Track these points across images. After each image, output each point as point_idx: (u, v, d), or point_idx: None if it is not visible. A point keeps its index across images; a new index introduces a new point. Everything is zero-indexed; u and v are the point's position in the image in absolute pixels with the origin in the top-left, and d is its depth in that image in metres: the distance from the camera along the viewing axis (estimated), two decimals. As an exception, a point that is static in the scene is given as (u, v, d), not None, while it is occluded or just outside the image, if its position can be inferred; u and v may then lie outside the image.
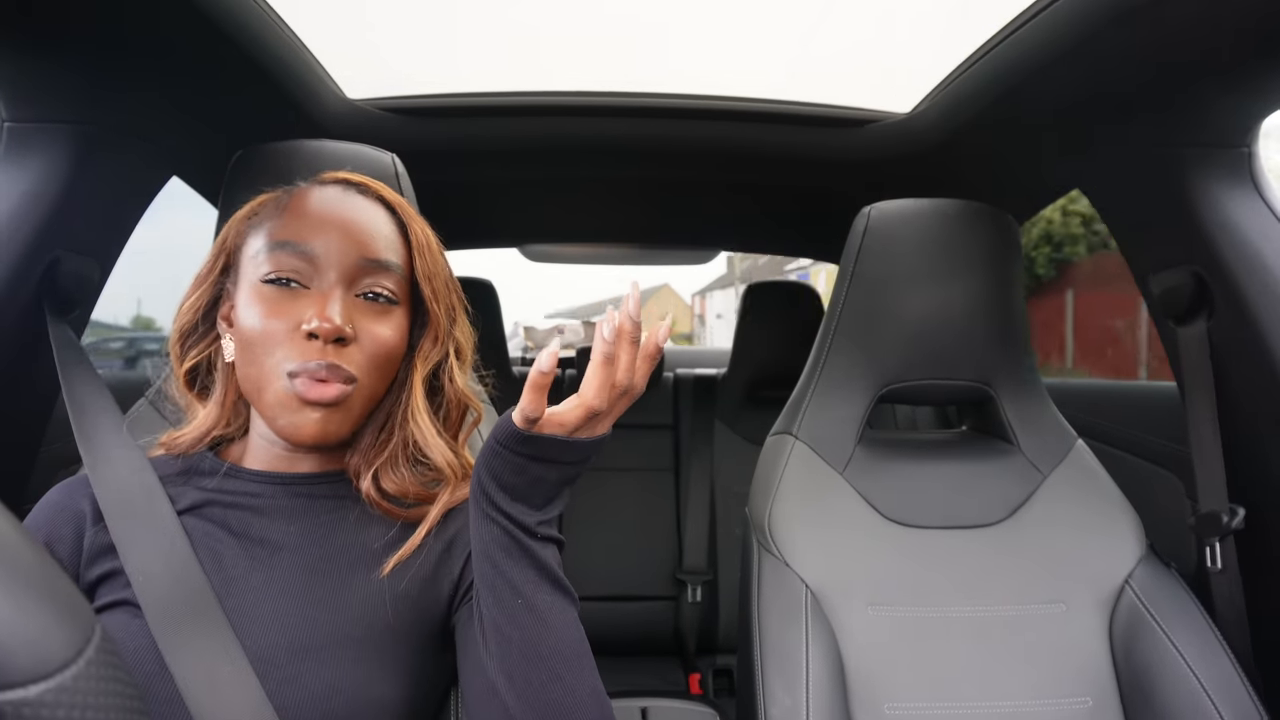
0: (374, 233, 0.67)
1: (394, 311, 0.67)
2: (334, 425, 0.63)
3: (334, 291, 0.63)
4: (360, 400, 0.65)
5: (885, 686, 0.89)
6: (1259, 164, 1.00)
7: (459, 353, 0.72)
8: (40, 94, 0.88)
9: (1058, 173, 1.24)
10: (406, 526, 0.67)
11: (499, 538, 0.56)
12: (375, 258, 0.66)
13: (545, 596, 0.57)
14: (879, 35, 1.19)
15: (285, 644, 0.59)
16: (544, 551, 0.58)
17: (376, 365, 0.65)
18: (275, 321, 0.62)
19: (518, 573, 0.56)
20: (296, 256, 0.64)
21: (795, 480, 1.01)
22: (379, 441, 0.69)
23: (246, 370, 0.64)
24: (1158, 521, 1.04)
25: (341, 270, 0.64)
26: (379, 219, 0.68)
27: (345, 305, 0.63)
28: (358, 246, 0.65)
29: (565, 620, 0.58)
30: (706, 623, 1.98)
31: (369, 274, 0.66)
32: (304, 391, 0.61)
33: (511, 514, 0.56)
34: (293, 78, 1.06)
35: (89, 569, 0.63)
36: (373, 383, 0.66)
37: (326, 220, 0.65)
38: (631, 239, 2.23)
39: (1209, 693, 0.83)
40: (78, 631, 0.30)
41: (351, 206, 0.67)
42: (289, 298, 0.63)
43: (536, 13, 1.15)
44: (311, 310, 0.62)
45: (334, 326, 0.61)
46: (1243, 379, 1.00)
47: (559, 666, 0.56)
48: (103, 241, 1.00)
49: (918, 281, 1.00)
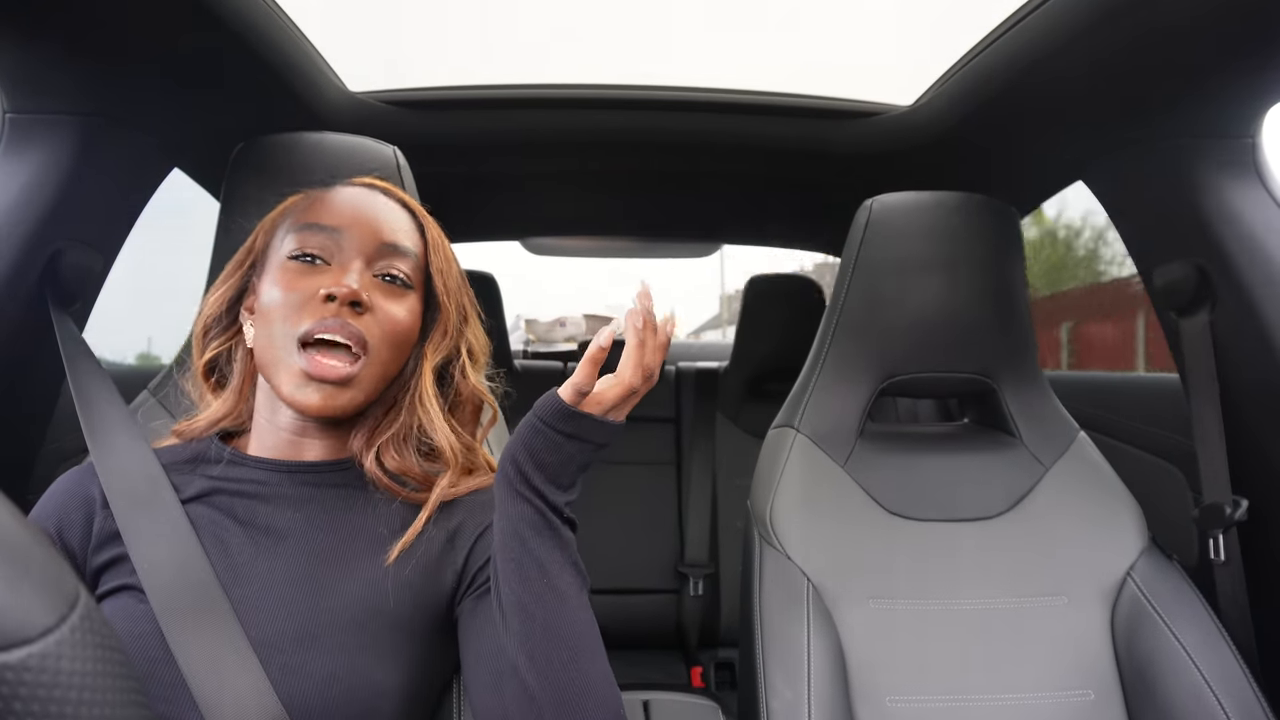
0: (393, 222, 0.71)
1: (408, 295, 0.71)
2: (342, 400, 0.65)
3: (353, 264, 0.67)
4: (370, 376, 0.67)
5: (887, 679, 0.89)
6: (1263, 155, 0.99)
7: (471, 352, 0.75)
8: (42, 86, 0.88)
9: (1060, 165, 1.23)
10: (410, 516, 0.68)
11: (529, 515, 0.59)
12: (393, 242, 0.70)
13: (568, 577, 0.59)
14: (881, 28, 1.19)
15: (290, 631, 0.60)
16: (567, 533, 0.60)
17: (389, 341, 0.68)
18: (295, 292, 0.65)
19: (545, 552, 0.59)
20: (321, 235, 0.68)
21: (797, 473, 1.01)
22: (384, 422, 0.71)
23: (262, 343, 0.67)
24: (1160, 514, 1.04)
25: (361, 250, 0.68)
26: (398, 213, 0.73)
27: (363, 280, 0.67)
28: (377, 231, 0.69)
29: (582, 602, 0.60)
30: (708, 616, 1.99)
31: (386, 256, 0.69)
32: (310, 368, 0.63)
33: (544, 492, 0.59)
34: (294, 70, 1.06)
35: (97, 554, 0.64)
36: (384, 358, 0.68)
37: (351, 208, 0.70)
38: (633, 232, 2.23)
39: (1211, 685, 0.83)
40: (61, 598, 0.31)
41: (374, 200, 0.72)
42: (312, 272, 0.67)
43: (538, 4, 1.15)
44: (331, 279, 0.66)
45: (351, 290, 0.64)
46: (1245, 370, 1.00)
47: (578, 647, 0.58)
48: (105, 233, 1.00)
49: (920, 274, 1.00)
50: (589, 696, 0.57)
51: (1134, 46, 0.87)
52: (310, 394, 0.64)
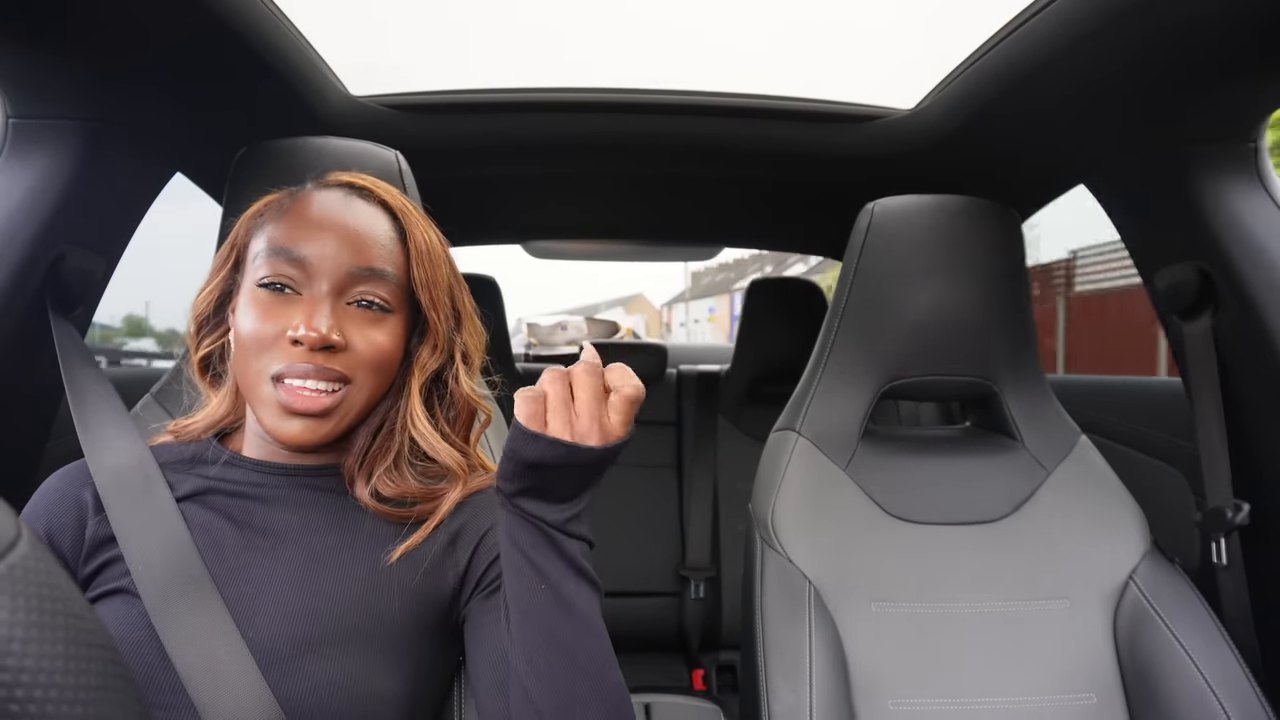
0: (370, 240, 0.66)
1: (387, 319, 0.67)
2: (323, 431, 0.63)
3: (324, 301, 0.63)
4: (354, 403, 0.65)
5: (888, 682, 0.89)
6: (1265, 159, 1.00)
7: (465, 357, 0.72)
8: (45, 90, 0.88)
9: (1061, 168, 1.24)
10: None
11: (524, 529, 0.57)
12: (369, 266, 0.65)
13: (571, 585, 0.57)
14: (883, 32, 1.19)
15: (288, 636, 0.59)
16: (571, 545, 0.57)
17: (371, 369, 0.65)
18: (266, 325, 0.63)
19: (545, 561, 0.56)
20: (290, 263, 0.64)
21: (798, 476, 1.01)
22: (376, 446, 0.69)
23: (238, 368, 0.65)
24: (1162, 517, 1.03)
25: (334, 279, 0.64)
26: (378, 225, 0.68)
27: (336, 313, 0.63)
28: (352, 254, 0.65)
29: (591, 610, 0.57)
30: (710, 619, 1.99)
31: (362, 282, 0.65)
32: (290, 401, 0.61)
33: (530, 511, 0.56)
34: (297, 74, 1.06)
35: (89, 560, 0.63)
36: (368, 385, 0.66)
37: (323, 226, 0.65)
38: (635, 235, 2.23)
39: (1214, 689, 0.82)
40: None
41: (350, 212, 0.67)
42: (281, 303, 0.63)
43: (541, 8, 1.15)
44: (299, 318, 0.62)
45: (319, 336, 0.61)
46: (1248, 374, 1.00)
47: (579, 654, 0.56)
48: (107, 237, 1.00)
49: (921, 277, 1.00)
50: (589, 705, 0.56)
51: (1136, 51, 0.87)
52: (291, 426, 0.62)
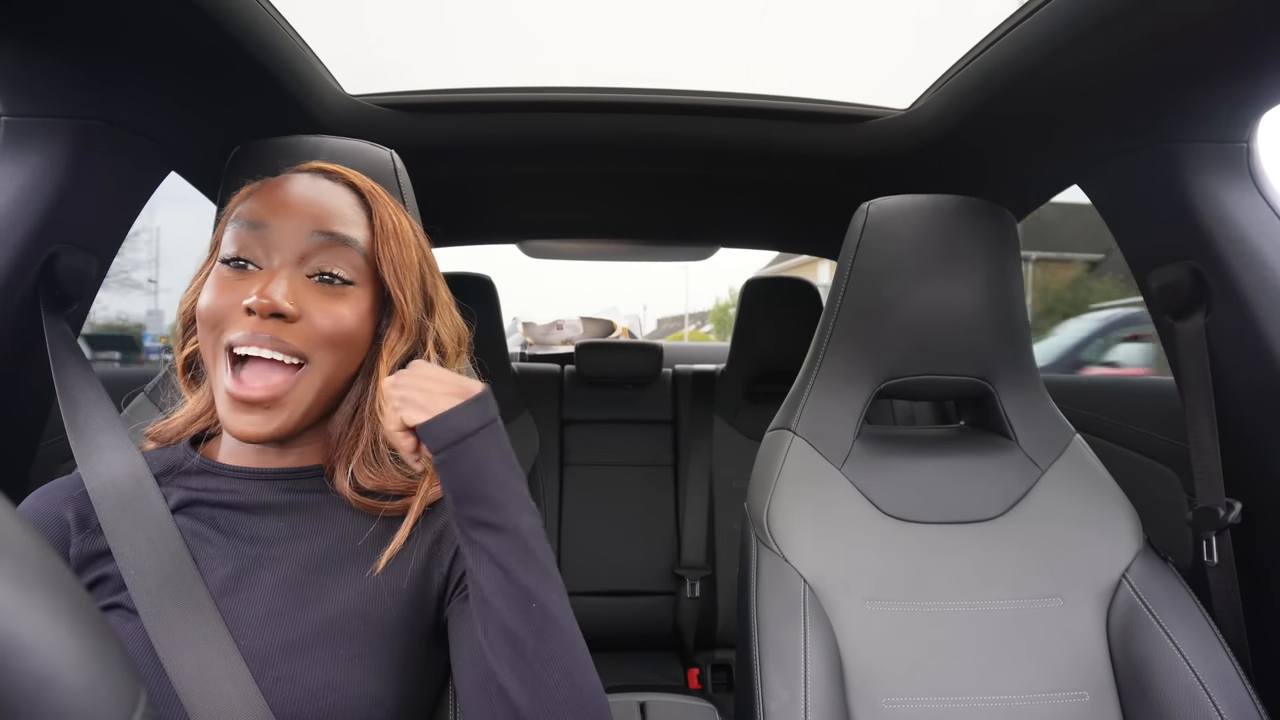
0: (330, 210, 0.66)
1: (350, 292, 0.65)
2: (273, 425, 0.62)
3: (281, 271, 0.63)
4: (309, 388, 0.63)
5: (883, 681, 0.89)
6: (1257, 159, 1.00)
7: (439, 344, 0.70)
8: (39, 88, 0.88)
9: (1056, 168, 1.24)
10: (395, 520, 0.66)
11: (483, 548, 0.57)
12: (328, 230, 0.64)
13: (555, 596, 0.57)
14: (878, 32, 1.19)
15: (279, 642, 0.59)
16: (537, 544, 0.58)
17: (331, 345, 0.64)
18: (223, 298, 0.62)
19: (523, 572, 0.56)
20: (250, 235, 0.64)
21: (794, 475, 1.01)
22: (349, 437, 0.68)
23: (202, 351, 0.65)
24: (1155, 516, 1.04)
25: (292, 249, 0.64)
26: (341, 200, 0.67)
27: (294, 285, 0.63)
28: (311, 221, 0.64)
29: (566, 611, 0.58)
30: (705, 618, 1.99)
31: (321, 250, 0.64)
32: (238, 390, 0.61)
33: (480, 519, 0.57)
34: (292, 73, 1.06)
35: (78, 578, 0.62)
36: (329, 364, 0.64)
37: (285, 200, 0.65)
38: (630, 235, 2.23)
39: (1205, 686, 0.83)
40: (129, 700, 0.32)
41: (314, 189, 0.67)
42: (241, 278, 0.63)
43: (535, 8, 1.15)
44: (257, 285, 0.61)
45: (270, 303, 0.60)
46: (1240, 373, 1.00)
47: (569, 663, 0.56)
48: (101, 236, 1.00)
49: (916, 277, 1.00)
50: (581, 712, 0.55)
51: (1130, 52, 0.87)
52: (238, 420, 0.61)
